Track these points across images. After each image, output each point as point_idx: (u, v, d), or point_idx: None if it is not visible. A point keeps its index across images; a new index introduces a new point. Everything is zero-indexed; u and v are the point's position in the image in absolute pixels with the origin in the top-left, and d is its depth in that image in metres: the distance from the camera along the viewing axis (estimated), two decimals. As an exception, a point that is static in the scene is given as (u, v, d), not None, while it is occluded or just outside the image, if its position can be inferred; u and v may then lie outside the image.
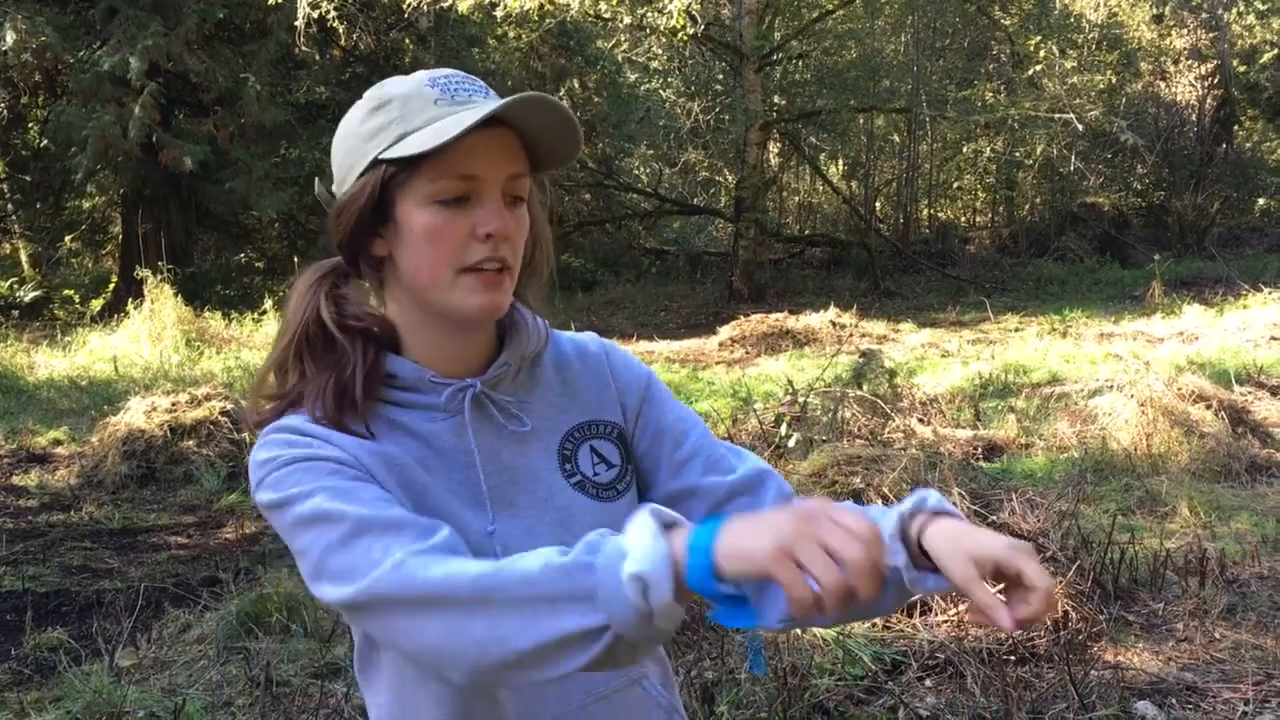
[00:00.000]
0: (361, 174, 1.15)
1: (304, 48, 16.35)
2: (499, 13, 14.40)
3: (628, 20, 14.89)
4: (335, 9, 15.15)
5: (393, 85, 1.17)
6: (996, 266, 19.87)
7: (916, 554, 1.08)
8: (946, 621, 3.81)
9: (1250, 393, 8.47)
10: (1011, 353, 11.10)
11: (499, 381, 1.22)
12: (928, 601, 3.93)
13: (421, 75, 1.17)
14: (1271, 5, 21.42)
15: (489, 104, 1.13)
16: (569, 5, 14.04)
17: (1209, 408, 6.82)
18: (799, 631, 3.73)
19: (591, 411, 1.28)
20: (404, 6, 15.21)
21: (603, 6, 14.39)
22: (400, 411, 1.19)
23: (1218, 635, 3.92)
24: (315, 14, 15.04)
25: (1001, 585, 1.03)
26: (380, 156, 1.13)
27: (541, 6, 14.12)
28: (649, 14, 14.26)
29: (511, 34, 17.34)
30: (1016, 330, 13.21)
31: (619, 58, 20.99)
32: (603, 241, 22.21)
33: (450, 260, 1.13)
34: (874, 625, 3.81)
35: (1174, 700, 3.43)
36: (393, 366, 1.19)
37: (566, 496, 1.22)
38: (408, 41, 19.20)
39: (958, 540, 1.04)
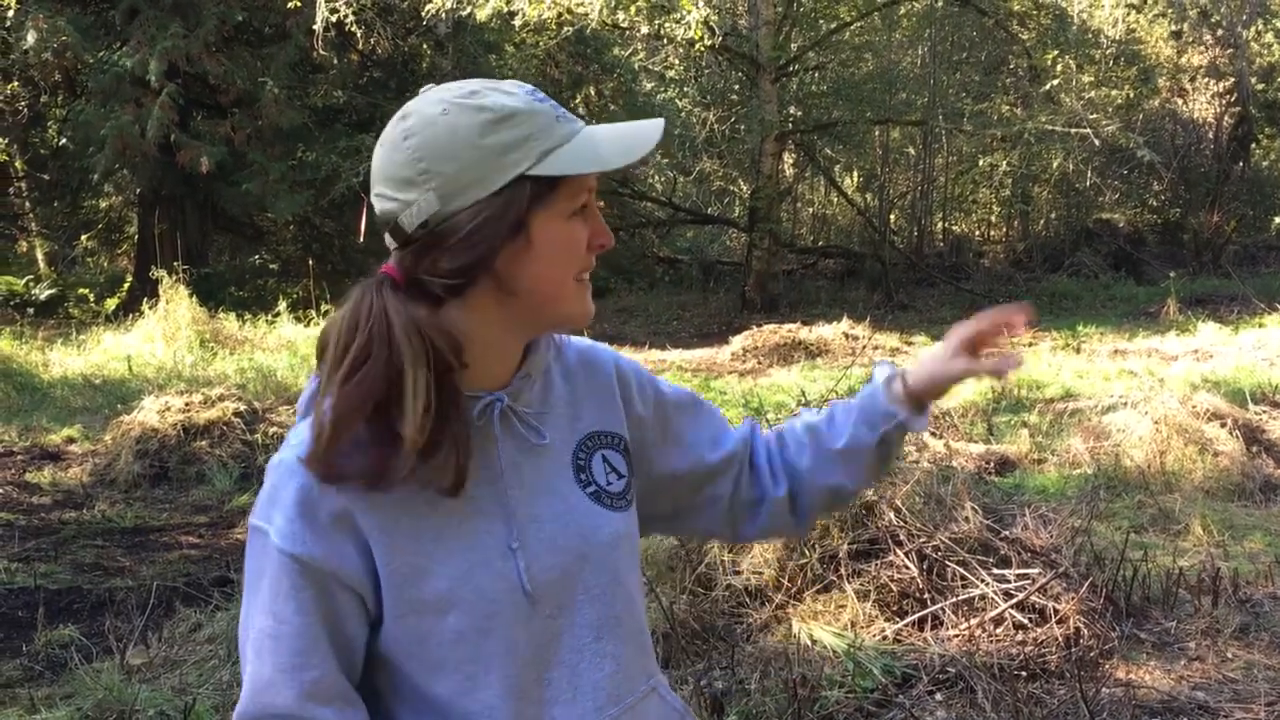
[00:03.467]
0: (498, 191, 1.12)
1: (322, 51, 16.42)
2: (517, 21, 14.44)
3: (645, 30, 14.92)
4: (353, 14, 15.21)
5: (505, 99, 1.14)
6: (1010, 281, 19.82)
7: (911, 403, 1.38)
8: (957, 636, 3.80)
9: (1265, 412, 8.42)
10: (1026, 367, 11.05)
11: (519, 393, 1.22)
12: (939, 616, 3.92)
13: (517, 89, 1.16)
14: (1291, 24, 21.38)
15: (605, 122, 1.21)
16: (587, 14, 14.07)
17: (1223, 426, 6.79)
18: (810, 642, 3.72)
19: (600, 421, 1.30)
20: (422, 12, 15.27)
21: (621, 16, 14.43)
22: None
23: (1230, 655, 3.90)
24: (333, 18, 15.10)
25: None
26: (531, 173, 1.12)
27: (560, 15, 14.17)
28: (667, 24, 14.29)
29: (529, 41, 17.37)
30: (1030, 345, 13.15)
31: (635, 66, 21.02)
32: (616, 249, 22.16)
33: (576, 269, 1.18)
34: (884, 638, 3.80)
35: (1185, 719, 3.41)
36: None
37: (584, 507, 1.23)
38: (425, 47, 19.26)
39: (933, 362, 1.38)
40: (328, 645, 1.12)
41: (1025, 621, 3.85)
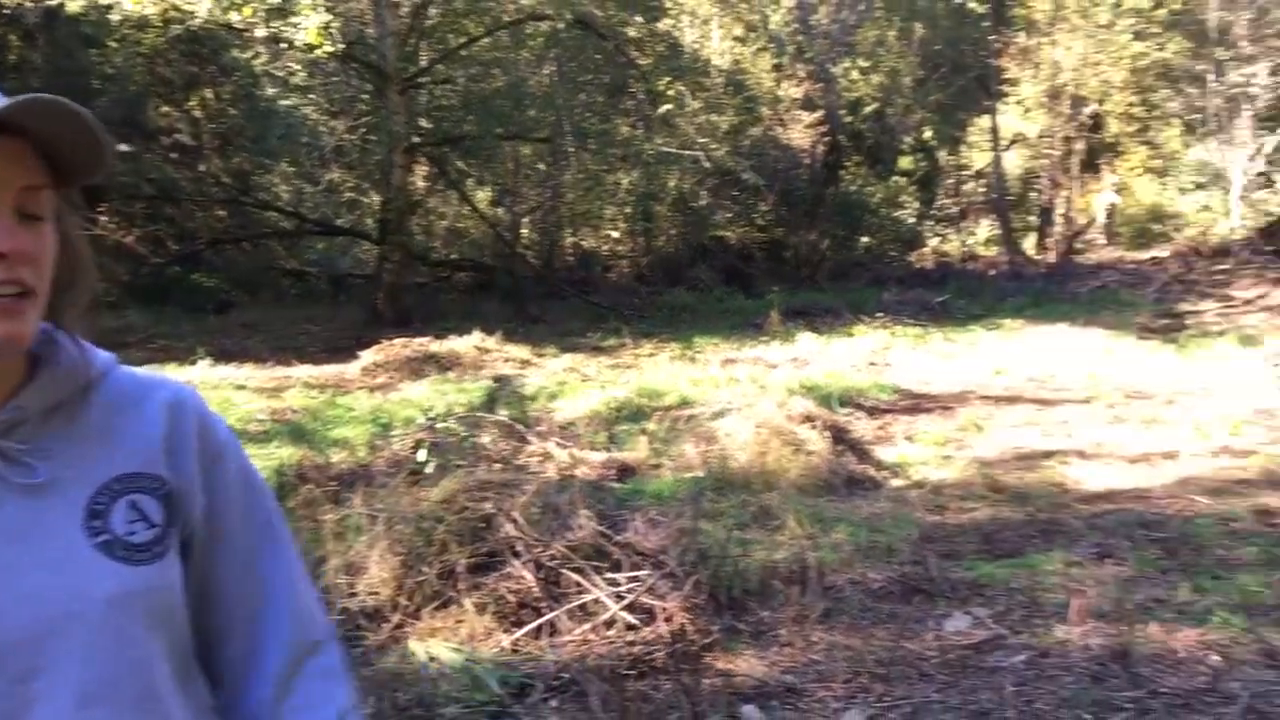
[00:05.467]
0: None
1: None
2: (115, 15, 13.38)
3: (262, 32, 14.29)
4: (-79, -5, 13.51)
5: None
6: (635, 294, 20.74)
7: None
8: (572, 641, 3.92)
9: (851, 413, 9.34)
10: (647, 377, 11.59)
11: (12, 426, 1.06)
12: (555, 623, 4.02)
13: None
14: (872, 63, 23.86)
15: None
16: (195, 12, 13.27)
17: (815, 428, 7.45)
18: (428, 659, 3.70)
19: (140, 463, 1.14)
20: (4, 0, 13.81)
21: (234, 16, 13.73)
22: None
23: (815, 638, 4.27)
24: (-105, -3, 13.34)
25: None
26: None
27: (165, 11, 13.27)
28: (284, 28, 13.76)
29: (132, 37, 16.16)
30: (651, 355, 13.83)
31: (257, 70, 20.11)
32: (238, 261, 21.14)
33: None
34: (502, 649, 3.85)
35: (775, 702, 3.70)
36: None
37: (85, 558, 1.08)
38: (13, 37, 17.42)
39: None
40: None
41: (635, 622, 4.03)
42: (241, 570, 1.21)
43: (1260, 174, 22.48)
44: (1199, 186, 24.82)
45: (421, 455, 6.50)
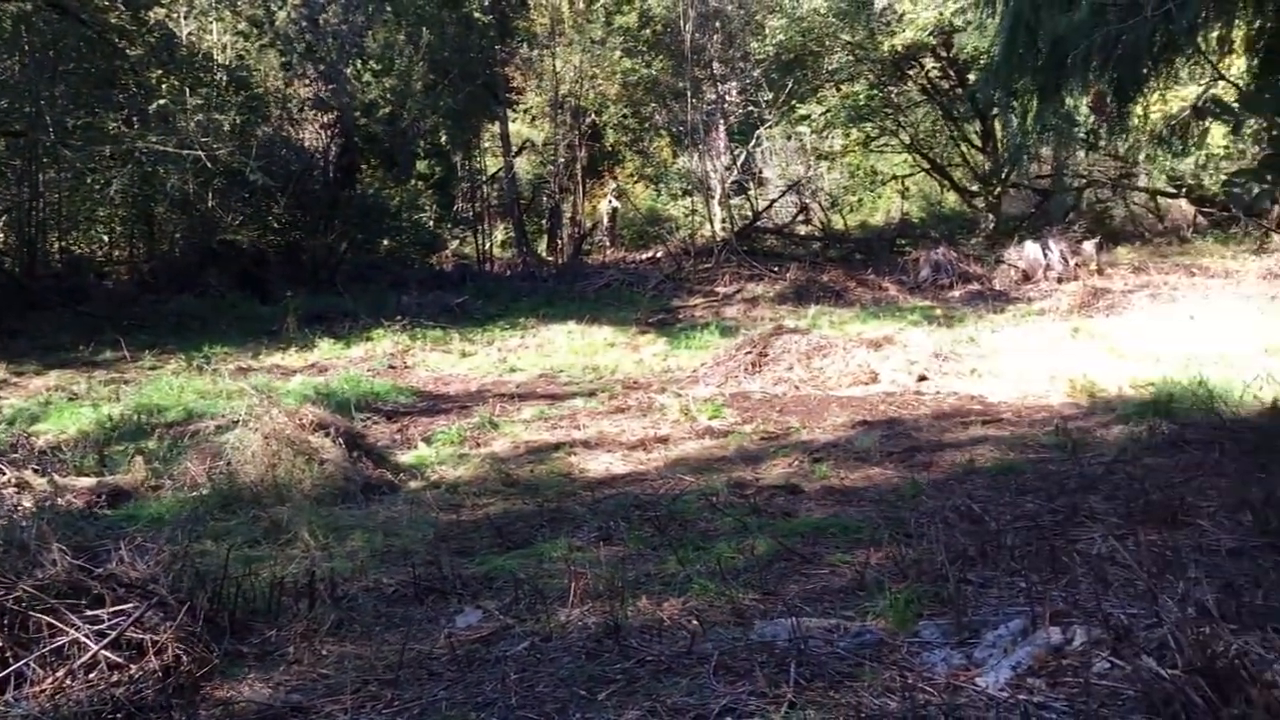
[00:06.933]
0: None
1: None
2: None
3: None
4: None
5: None
6: (136, 303, 19.14)
7: None
8: (44, 691, 3.52)
9: (369, 418, 9.27)
10: (147, 392, 10.75)
11: None
12: (23, 672, 3.59)
13: None
14: (383, 66, 23.67)
15: None
16: None
17: (329, 435, 7.28)
18: None
19: None
20: None
21: None
22: None
23: (325, 652, 4.16)
24: None
25: None
26: None
27: None
28: None
29: None
30: (154, 368, 12.86)
31: None
32: None
33: None
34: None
35: (281, 723, 3.56)
36: None
37: None
38: None
39: None
40: None
41: (121, 660, 3.71)
42: None
43: (735, 182, 25.12)
44: (686, 193, 27.24)
45: None
